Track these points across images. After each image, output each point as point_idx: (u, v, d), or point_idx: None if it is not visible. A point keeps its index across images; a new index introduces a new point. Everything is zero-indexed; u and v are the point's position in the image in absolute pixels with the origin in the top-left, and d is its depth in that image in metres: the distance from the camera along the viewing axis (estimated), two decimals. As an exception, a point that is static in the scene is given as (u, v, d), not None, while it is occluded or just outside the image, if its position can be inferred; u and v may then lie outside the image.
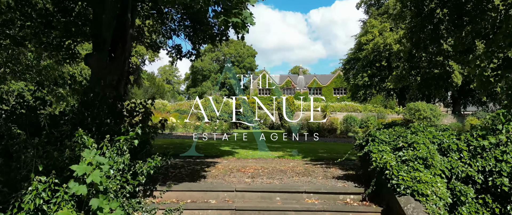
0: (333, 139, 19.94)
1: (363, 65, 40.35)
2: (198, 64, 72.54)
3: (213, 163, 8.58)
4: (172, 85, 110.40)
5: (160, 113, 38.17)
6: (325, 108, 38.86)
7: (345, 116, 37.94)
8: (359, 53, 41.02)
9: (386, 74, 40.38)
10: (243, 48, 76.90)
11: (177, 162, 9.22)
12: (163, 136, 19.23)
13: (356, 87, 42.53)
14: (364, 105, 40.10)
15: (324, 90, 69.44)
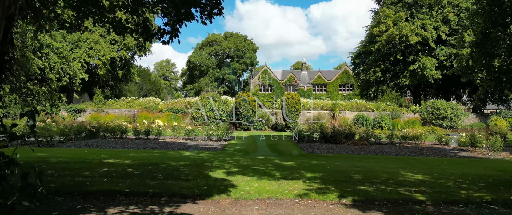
0: (355, 147, 16.26)
1: (375, 59, 36.62)
2: (195, 59, 68.50)
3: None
4: (169, 82, 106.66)
5: (151, 112, 34.55)
6: (333, 106, 35.13)
7: (356, 115, 34.35)
8: (370, 46, 37.28)
9: (400, 69, 36.66)
10: (244, 42, 72.88)
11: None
12: (146, 144, 15.60)
13: (367, 84, 38.82)
14: (377, 104, 36.43)
15: (329, 87, 65.76)
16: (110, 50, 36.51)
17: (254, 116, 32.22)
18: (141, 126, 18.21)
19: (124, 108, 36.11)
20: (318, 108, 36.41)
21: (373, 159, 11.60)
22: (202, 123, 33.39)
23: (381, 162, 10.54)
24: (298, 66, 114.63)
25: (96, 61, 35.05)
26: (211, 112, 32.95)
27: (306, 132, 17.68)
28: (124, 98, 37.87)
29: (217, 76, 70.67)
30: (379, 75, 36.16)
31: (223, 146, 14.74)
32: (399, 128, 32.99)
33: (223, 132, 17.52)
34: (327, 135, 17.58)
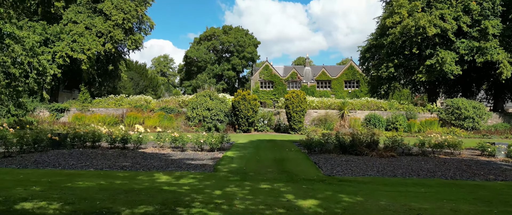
0: (384, 162, 12.99)
1: (387, 53, 33.28)
2: (193, 54, 64.95)
3: None
4: (167, 78, 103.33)
5: (141, 112, 31.29)
6: (342, 105, 31.92)
7: (367, 115, 31.09)
8: (382, 39, 33.92)
9: (415, 64, 33.31)
10: (245, 36, 69.30)
11: None
12: (117, 158, 12.39)
13: (378, 80, 35.49)
14: (389, 102, 33.14)
15: (333, 83, 62.43)
16: (96, 43, 33.19)
17: (255, 116, 28.96)
18: (118, 132, 14.92)
19: (113, 107, 32.88)
20: (325, 107, 33.15)
21: (422, 186, 8.34)
22: (197, 124, 30.16)
23: (439, 194, 7.29)
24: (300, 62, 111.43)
25: (79, 55, 31.72)
26: (207, 112, 29.72)
27: (319, 141, 14.35)
28: (113, 96, 34.60)
29: (216, 72, 67.21)
30: (392, 71, 32.85)
31: (216, 161, 11.46)
32: (415, 129, 29.75)
33: (217, 140, 14.24)
34: (344, 143, 14.30)
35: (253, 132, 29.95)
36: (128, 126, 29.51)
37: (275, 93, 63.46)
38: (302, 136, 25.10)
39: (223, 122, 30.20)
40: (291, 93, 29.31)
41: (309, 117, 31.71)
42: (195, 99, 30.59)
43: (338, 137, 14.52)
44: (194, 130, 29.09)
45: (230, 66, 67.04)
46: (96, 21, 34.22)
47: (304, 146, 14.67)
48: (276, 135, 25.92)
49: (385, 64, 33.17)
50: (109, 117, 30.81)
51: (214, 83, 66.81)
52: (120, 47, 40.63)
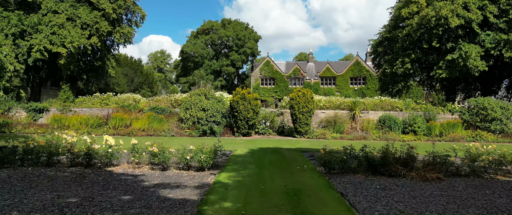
0: (433, 189, 9.66)
1: (403, 47, 29.91)
2: (189, 49, 61.39)
3: None
4: (164, 74, 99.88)
5: (128, 113, 27.96)
6: (353, 105, 28.60)
7: (381, 116, 27.76)
8: (397, 31, 30.54)
9: (434, 59, 29.94)
10: (245, 30, 65.62)
11: None
12: (68, 188, 9.17)
13: (392, 77, 32.12)
14: (405, 102, 29.81)
15: (338, 80, 59.05)
16: (79, 36, 29.79)
17: (256, 118, 25.63)
18: (82, 145, 11.57)
19: (98, 107, 29.56)
20: (334, 107, 29.82)
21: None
22: (191, 126, 26.83)
23: None
24: (302, 58, 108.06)
25: (59, 49, 28.33)
26: (202, 113, 26.39)
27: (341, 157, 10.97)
28: (99, 94, 31.26)
29: (214, 68, 63.71)
30: (408, 67, 29.50)
31: (203, 195, 8.15)
32: (436, 132, 26.42)
33: (209, 156, 10.92)
34: (374, 160, 10.96)
35: (254, 135, 26.66)
36: (113, 128, 26.24)
37: (277, 91, 60.13)
38: (311, 141, 21.83)
39: (220, 124, 26.89)
40: (296, 92, 25.97)
41: (316, 118, 28.39)
42: (189, 99, 27.26)
43: (364, 152, 11.16)
44: (187, 133, 25.80)
45: (229, 62, 63.48)
46: (80, 12, 30.82)
47: (321, 162, 11.32)
48: (280, 140, 22.60)
49: (401, 60, 29.81)
50: (92, 118, 27.51)
51: (212, 80, 63.34)
52: (109, 41, 37.24)
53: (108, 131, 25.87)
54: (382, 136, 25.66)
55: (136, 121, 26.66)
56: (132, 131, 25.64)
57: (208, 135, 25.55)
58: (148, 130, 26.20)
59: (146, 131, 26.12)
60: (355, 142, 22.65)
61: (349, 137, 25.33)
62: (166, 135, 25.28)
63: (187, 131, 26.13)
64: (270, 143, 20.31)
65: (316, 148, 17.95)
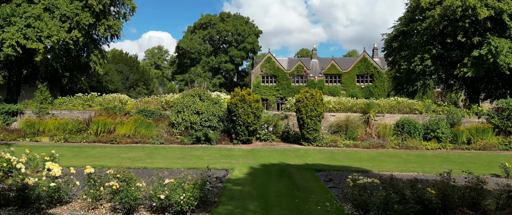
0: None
1: (422, 42, 26.56)
2: (185, 44, 57.80)
3: None
4: (162, 71, 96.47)
5: (113, 116, 24.68)
6: (366, 107, 25.33)
7: (399, 120, 24.46)
8: (415, 24, 27.16)
9: (457, 56, 26.59)
10: (245, 25, 61.96)
11: None
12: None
13: (408, 75, 28.77)
14: (425, 103, 26.52)
15: (344, 78, 55.69)
16: (57, 29, 26.44)
17: (257, 123, 22.36)
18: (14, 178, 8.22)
19: (80, 109, 26.31)
20: (345, 109, 26.53)
21: None
22: (182, 132, 23.54)
23: None
24: (303, 54, 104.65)
25: (34, 44, 25.00)
26: (196, 116, 23.15)
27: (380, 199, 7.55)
28: (81, 95, 27.95)
29: (212, 65, 60.19)
30: (428, 64, 26.15)
31: None
32: (463, 139, 23.10)
33: (192, 195, 7.61)
34: (430, 202, 7.60)
35: (255, 142, 23.41)
36: (94, 134, 22.97)
37: (279, 89, 56.81)
38: (322, 152, 18.45)
39: (216, 129, 23.64)
40: (303, 93, 22.65)
41: (326, 122, 25.11)
42: (181, 101, 23.98)
43: (416, 190, 7.82)
44: (178, 140, 22.55)
45: (228, 58, 59.90)
46: (59, 2, 27.45)
47: (351, 201, 8.01)
48: (286, 151, 19.31)
49: (419, 56, 26.48)
50: (72, 121, 24.24)
51: (210, 78, 59.88)
52: (96, 36, 33.89)
53: (88, 138, 22.65)
54: (401, 143, 22.41)
55: (121, 126, 23.38)
56: (115, 138, 22.40)
57: (203, 142, 22.32)
58: (134, 137, 22.96)
59: (132, 137, 22.88)
60: (372, 152, 19.40)
61: (363, 145, 22.09)
62: (154, 142, 22.04)
63: (179, 138, 22.90)
64: (275, 155, 17.03)
65: (331, 164, 14.69)
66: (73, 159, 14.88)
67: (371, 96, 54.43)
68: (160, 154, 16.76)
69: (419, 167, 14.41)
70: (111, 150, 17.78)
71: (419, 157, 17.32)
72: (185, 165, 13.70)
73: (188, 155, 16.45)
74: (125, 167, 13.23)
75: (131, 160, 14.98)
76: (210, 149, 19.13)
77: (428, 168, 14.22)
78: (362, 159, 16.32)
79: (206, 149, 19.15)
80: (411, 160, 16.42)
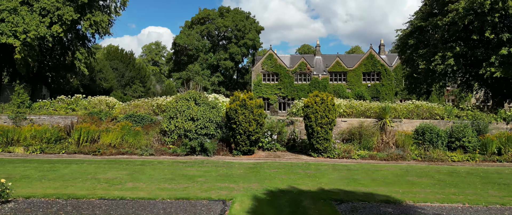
0: None
1: (443, 38, 23.80)
2: (182, 41, 54.90)
3: None
4: (159, 67, 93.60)
5: (97, 122, 21.98)
6: (382, 112, 22.62)
7: (419, 127, 21.68)
8: (435, 18, 24.36)
9: (482, 54, 23.84)
10: (245, 20, 58.90)
11: None
12: None
13: (426, 75, 26.01)
14: (446, 107, 23.83)
15: (349, 76, 52.91)
16: (36, 24, 23.66)
17: (260, 131, 19.63)
18: None
19: (61, 114, 23.59)
20: (357, 113, 23.82)
21: None
22: (175, 141, 20.79)
23: None
24: (305, 50, 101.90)
25: (9, 39, 22.22)
26: (191, 123, 20.46)
27: None
28: (64, 98, 25.22)
29: (210, 62, 57.27)
30: (451, 63, 23.39)
31: None
32: (493, 149, 20.40)
33: None
34: None
35: (258, 151, 20.75)
36: (75, 144, 20.27)
37: (281, 88, 54.05)
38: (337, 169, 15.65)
39: (213, 137, 20.95)
40: (313, 97, 19.91)
41: (336, 128, 22.40)
42: (175, 105, 21.25)
43: None
44: (171, 150, 19.85)
45: (228, 55, 56.95)
46: (39, -6, 24.68)
47: None
48: (294, 166, 16.60)
49: (441, 54, 23.71)
50: (51, 129, 21.48)
51: (208, 76, 57.02)
52: (82, 32, 31.10)
53: (68, 148, 19.97)
54: (423, 154, 19.73)
55: (106, 134, 20.66)
56: (99, 148, 19.72)
57: (198, 153, 19.64)
58: (121, 146, 20.27)
59: (118, 147, 20.19)
60: (394, 167, 16.71)
61: (381, 156, 19.43)
62: (142, 153, 19.36)
63: (171, 147, 20.21)
64: (282, 174, 14.34)
65: (353, 189, 12.02)
66: (36, 183, 12.19)
67: (379, 95, 51.77)
68: (145, 173, 14.07)
69: (461, 194, 11.74)
70: (88, 167, 15.07)
71: (453, 176, 14.62)
72: (173, 193, 11.03)
73: (179, 175, 13.76)
74: (98, 196, 10.61)
75: (108, 183, 12.28)
76: (206, 164, 16.44)
77: (472, 195, 11.56)
78: (386, 180, 13.64)
79: (201, 164, 16.46)
80: (446, 181, 13.73)
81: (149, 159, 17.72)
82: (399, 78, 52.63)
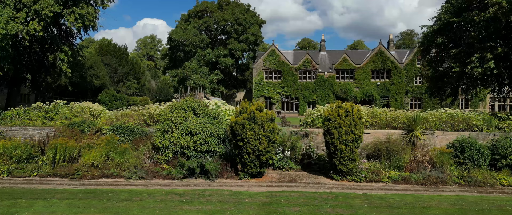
0: None
1: (481, 37, 20.54)
2: (179, 35, 51.16)
3: None
4: (155, 62, 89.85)
5: (78, 136, 18.61)
6: (411, 122, 19.39)
7: (455, 140, 18.42)
8: (470, 14, 21.05)
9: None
10: (246, 13, 55.14)
11: None
12: None
13: (458, 79, 22.76)
14: (483, 116, 20.66)
15: (357, 74, 49.59)
16: (5, 20, 20.14)
17: (271, 150, 16.37)
18: None
19: (37, 124, 20.22)
20: (382, 124, 20.59)
21: None
22: (170, 159, 17.51)
23: None
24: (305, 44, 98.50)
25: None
26: (188, 138, 17.17)
27: None
28: (41, 104, 21.79)
29: (209, 59, 53.67)
30: (491, 66, 20.14)
31: None
32: (549, 169, 17.30)
33: None
34: None
35: (268, 171, 17.56)
36: (51, 163, 16.93)
37: (284, 86, 50.68)
38: (369, 195, 12.35)
39: (215, 153, 17.68)
40: (336, 109, 16.59)
41: (359, 142, 19.08)
42: (169, 115, 17.90)
43: None
44: (165, 171, 16.57)
45: (227, 52, 53.32)
46: (11, -16, 21.14)
47: None
48: (318, 197, 13.34)
49: (478, 55, 20.43)
50: (23, 144, 18.04)
51: (207, 73, 53.49)
52: (65, 26, 27.60)
53: (41, 169, 16.69)
54: (466, 176, 16.59)
55: (88, 151, 17.31)
56: (79, 169, 16.44)
57: (198, 176, 16.41)
58: (105, 166, 16.97)
59: (102, 167, 16.89)
60: (438, 197, 13.48)
61: (416, 178, 16.29)
62: (130, 176, 16.08)
63: (165, 168, 16.94)
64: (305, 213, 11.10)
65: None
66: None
67: (388, 94, 48.56)
68: (131, 210, 10.81)
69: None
70: (56, 209, 11.68)
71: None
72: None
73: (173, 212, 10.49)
74: None
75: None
76: (207, 197, 13.16)
77: None
78: None
79: (202, 197, 13.19)
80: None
81: (137, 189, 14.38)
82: (410, 76, 49.46)
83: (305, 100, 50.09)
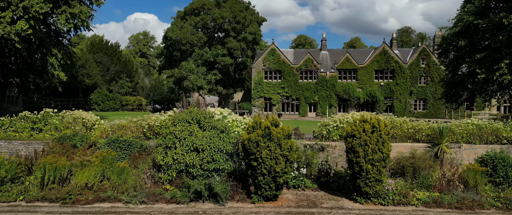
0: None
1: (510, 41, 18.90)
2: (175, 34, 48.97)
3: None
4: (148, 59, 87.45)
5: (70, 152, 16.67)
6: (437, 135, 17.72)
7: (486, 155, 16.75)
8: (497, 16, 19.40)
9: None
10: (245, 11, 53.07)
11: None
12: None
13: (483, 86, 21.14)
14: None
15: (360, 73, 47.93)
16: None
17: (289, 171, 14.58)
18: None
19: (24, 137, 18.23)
20: (403, 135, 18.90)
21: None
22: (173, 179, 15.61)
23: None
24: (301, 41, 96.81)
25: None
26: (194, 155, 15.28)
27: None
28: (28, 114, 19.74)
29: (206, 58, 51.64)
30: (520, 73, 18.51)
31: None
32: None
33: None
34: None
35: (284, 191, 15.80)
36: (39, 185, 14.97)
37: (284, 87, 48.91)
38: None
39: (223, 171, 15.85)
40: (360, 124, 14.83)
41: (381, 158, 17.36)
42: (172, 129, 15.99)
43: None
44: (168, 194, 14.69)
45: (226, 51, 51.34)
46: (-6, -19, 19.02)
47: None
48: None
49: (507, 61, 18.78)
50: (7, 162, 16.02)
51: (204, 73, 51.46)
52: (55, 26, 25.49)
53: (28, 191, 14.75)
54: (503, 197, 14.98)
55: (81, 171, 15.34)
56: (71, 192, 14.52)
57: (206, 200, 14.62)
58: (101, 188, 15.05)
59: (97, 190, 14.97)
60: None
61: (448, 201, 14.66)
62: (129, 200, 14.22)
63: (168, 189, 15.10)
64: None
65: None
66: None
67: (392, 95, 47.04)
68: None
69: None
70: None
71: None
72: None
73: None
74: None
75: None
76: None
77: None
78: None
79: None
80: None
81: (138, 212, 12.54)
82: (414, 77, 47.97)
83: (306, 102, 48.38)
